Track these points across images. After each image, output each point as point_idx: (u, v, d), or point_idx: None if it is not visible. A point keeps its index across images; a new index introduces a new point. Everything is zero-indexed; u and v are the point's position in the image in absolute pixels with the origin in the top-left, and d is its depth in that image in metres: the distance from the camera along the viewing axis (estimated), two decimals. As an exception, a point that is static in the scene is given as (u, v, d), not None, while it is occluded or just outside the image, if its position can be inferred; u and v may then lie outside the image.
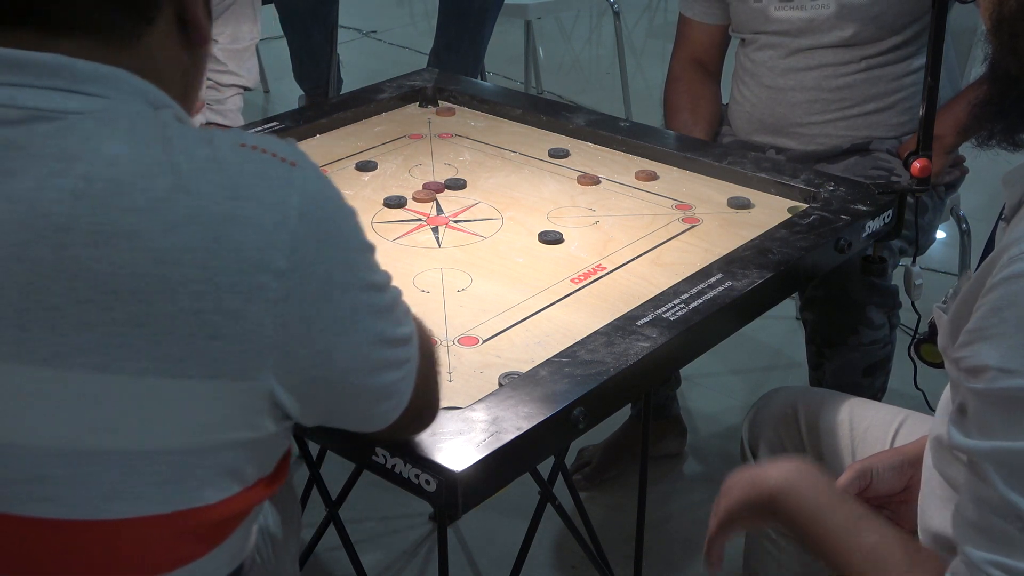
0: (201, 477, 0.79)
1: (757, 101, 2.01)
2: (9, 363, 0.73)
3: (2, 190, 0.73)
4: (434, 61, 3.14)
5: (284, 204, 0.75)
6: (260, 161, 0.77)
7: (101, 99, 0.77)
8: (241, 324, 0.75)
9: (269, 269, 0.75)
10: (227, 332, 0.74)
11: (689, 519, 2.10)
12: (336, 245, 0.79)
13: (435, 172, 1.71)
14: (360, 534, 1.99)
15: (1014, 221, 0.95)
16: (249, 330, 0.75)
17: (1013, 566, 0.85)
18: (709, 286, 1.33)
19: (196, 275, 0.73)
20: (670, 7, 5.34)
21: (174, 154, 0.75)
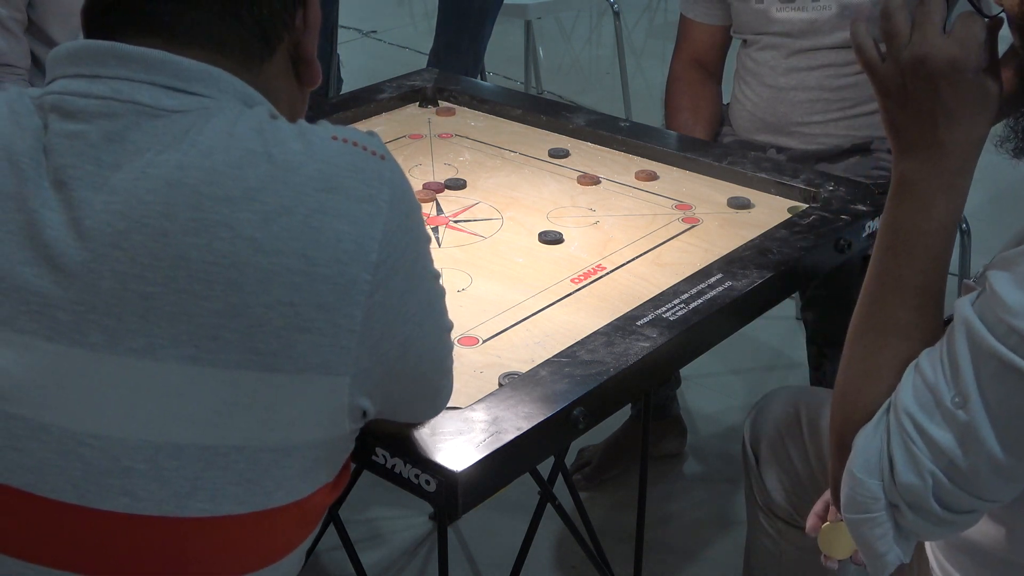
0: (278, 477, 0.78)
1: (759, 100, 2.01)
2: (100, 353, 0.73)
3: (103, 182, 0.75)
4: (434, 61, 3.14)
5: (376, 198, 0.77)
6: (352, 154, 0.79)
7: (199, 98, 0.78)
8: (333, 316, 0.75)
9: (364, 261, 0.75)
10: (319, 325, 0.74)
11: (689, 519, 2.10)
12: (417, 237, 0.81)
13: (435, 172, 1.71)
14: (360, 534, 1.99)
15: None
16: (339, 323, 0.75)
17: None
18: (709, 286, 1.33)
19: (294, 266, 0.74)
20: (670, 7, 5.34)
21: (268, 146, 0.76)
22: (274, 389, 0.75)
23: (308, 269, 0.74)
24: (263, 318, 0.73)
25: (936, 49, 0.93)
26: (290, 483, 0.80)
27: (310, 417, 0.78)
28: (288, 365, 0.75)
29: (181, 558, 0.77)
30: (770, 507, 1.49)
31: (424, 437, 1.06)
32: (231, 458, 0.76)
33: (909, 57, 0.94)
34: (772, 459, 1.47)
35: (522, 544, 1.71)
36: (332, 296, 0.75)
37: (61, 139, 0.76)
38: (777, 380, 2.51)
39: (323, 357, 0.76)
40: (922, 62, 0.93)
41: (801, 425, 1.44)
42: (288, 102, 0.89)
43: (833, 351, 1.86)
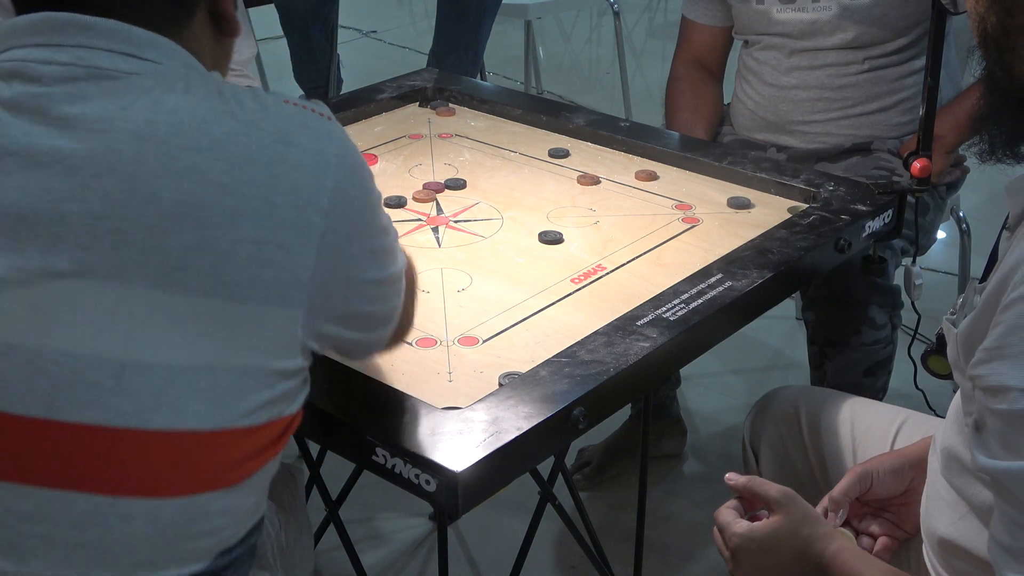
0: (238, 399, 0.84)
1: (760, 99, 2.01)
2: (68, 279, 0.79)
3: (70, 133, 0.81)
4: (433, 61, 3.15)
5: (326, 151, 0.86)
6: (302, 114, 0.87)
7: (153, 63, 0.86)
8: (290, 255, 0.83)
9: (317, 207, 0.84)
10: (279, 260, 0.83)
11: (689, 519, 2.10)
12: (364, 189, 0.90)
13: (435, 172, 1.71)
14: (360, 534, 1.99)
15: (1020, 231, 0.94)
16: (295, 261, 0.84)
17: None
18: (709, 286, 1.33)
19: (258, 207, 0.82)
20: (670, 7, 5.34)
21: (230, 105, 0.84)
22: (237, 318, 0.82)
23: (270, 211, 0.82)
24: (230, 252, 0.81)
25: None
26: (249, 407, 0.85)
27: (269, 347, 0.85)
28: (251, 296, 0.82)
29: (144, 471, 0.82)
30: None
31: (424, 437, 1.06)
32: (195, 377, 0.81)
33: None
34: (772, 459, 1.47)
35: (522, 544, 1.71)
36: (290, 235, 0.83)
37: (26, 98, 0.83)
38: (777, 380, 2.51)
39: (282, 291, 0.84)
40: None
41: (801, 425, 1.44)
42: (212, 58, 0.95)
43: (834, 351, 1.86)
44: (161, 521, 0.83)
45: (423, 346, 1.26)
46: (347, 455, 1.18)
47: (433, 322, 1.30)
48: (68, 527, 0.82)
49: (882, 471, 1.25)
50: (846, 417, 1.42)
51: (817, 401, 1.46)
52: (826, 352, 1.87)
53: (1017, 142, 1.03)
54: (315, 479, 1.59)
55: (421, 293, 1.36)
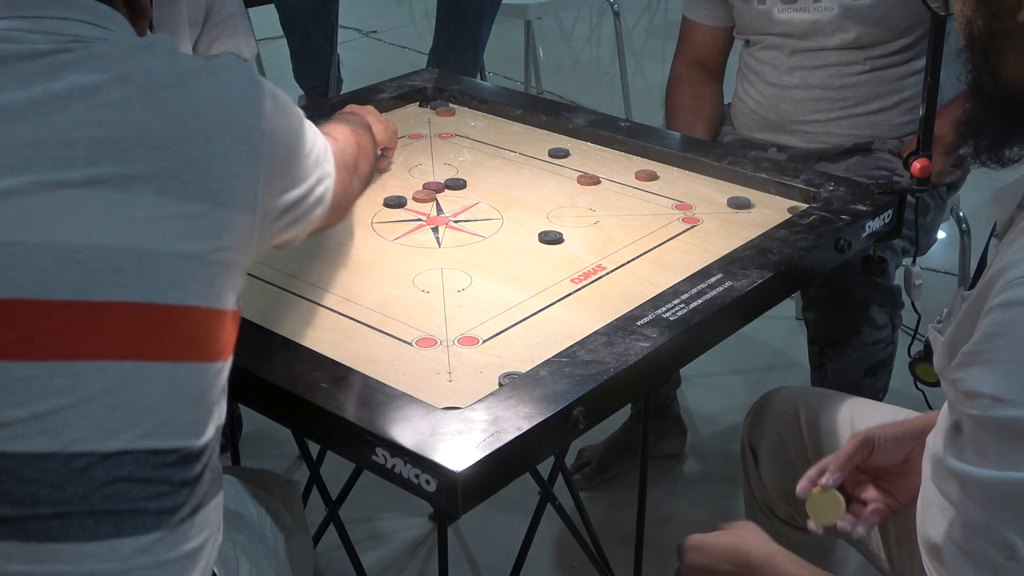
0: (225, 285, 1.00)
1: (761, 99, 2.01)
2: (83, 189, 0.94)
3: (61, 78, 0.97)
4: (433, 61, 3.14)
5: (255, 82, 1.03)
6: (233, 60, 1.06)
7: (110, 31, 1.02)
8: (246, 167, 1.00)
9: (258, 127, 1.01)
10: (239, 171, 0.99)
11: (689, 519, 2.10)
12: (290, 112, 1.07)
13: (435, 172, 1.71)
14: (360, 534, 1.99)
15: (1007, 239, 0.94)
16: (250, 174, 1.00)
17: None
18: (709, 286, 1.33)
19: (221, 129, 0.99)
20: (670, 7, 5.34)
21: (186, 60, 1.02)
22: (220, 218, 0.98)
23: (229, 132, 0.99)
24: (209, 164, 0.97)
25: None
26: (228, 294, 1.01)
27: (239, 245, 1.01)
28: (228, 201, 0.99)
29: (163, 339, 0.97)
30: (770, 507, 1.49)
31: (424, 437, 1.06)
32: (198, 261, 0.97)
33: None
34: (771, 459, 1.47)
35: (522, 544, 1.71)
36: (244, 149, 0.99)
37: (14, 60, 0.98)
38: (777, 380, 2.51)
39: (246, 199, 1.00)
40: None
41: (801, 426, 1.44)
42: None
43: (834, 351, 1.86)
44: (178, 383, 0.97)
45: (423, 346, 1.26)
46: (347, 455, 1.18)
47: (433, 322, 1.30)
48: (100, 392, 0.94)
49: (884, 439, 1.25)
50: (846, 417, 1.42)
51: (816, 401, 1.46)
52: (826, 352, 1.87)
53: (1001, 146, 1.03)
54: (315, 479, 1.59)
55: (421, 293, 1.37)
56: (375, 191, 1.63)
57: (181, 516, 0.98)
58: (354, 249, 1.48)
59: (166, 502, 0.97)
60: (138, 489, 0.95)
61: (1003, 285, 0.83)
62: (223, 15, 2.15)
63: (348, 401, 1.12)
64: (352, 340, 1.27)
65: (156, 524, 0.97)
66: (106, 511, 0.94)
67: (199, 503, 1.00)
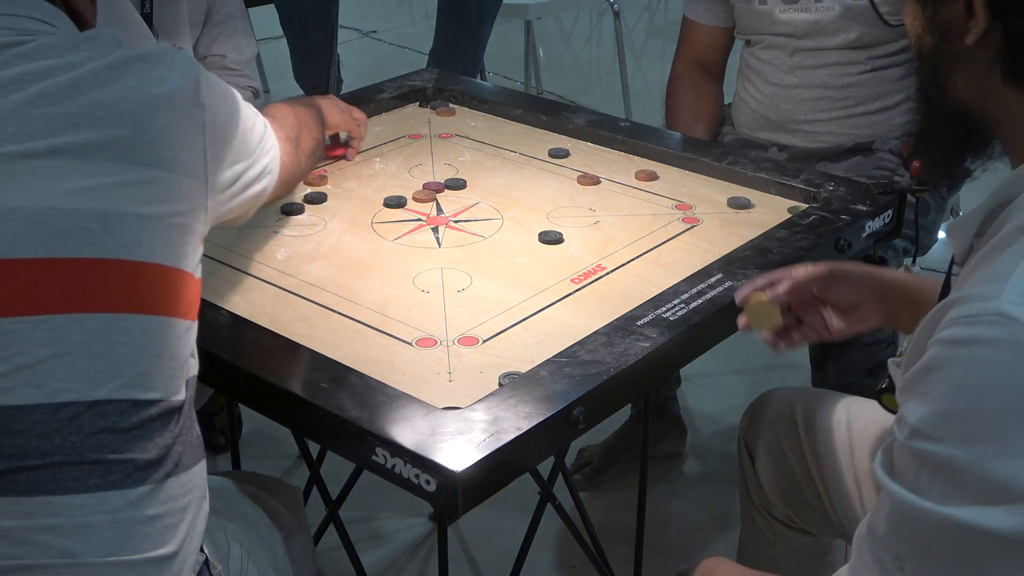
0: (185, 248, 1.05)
1: (762, 98, 2.01)
2: (45, 158, 0.98)
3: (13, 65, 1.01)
4: (434, 61, 3.14)
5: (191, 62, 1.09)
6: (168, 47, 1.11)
7: (57, 28, 1.08)
8: (192, 137, 1.05)
9: (197, 101, 1.06)
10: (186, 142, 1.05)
11: (689, 519, 2.10)
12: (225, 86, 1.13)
13: (435, 172, 1.71)
14: (360, 534, 1.99)
15: (966, 269, 0.93)
16: (196, 144, 1.06)
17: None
18: (709, 286, 1.33)
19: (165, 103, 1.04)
20: (670, 7, 5.34)
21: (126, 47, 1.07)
22: (175, 184, 1.04)
23: (173, 106, 1.04)
24: (159, 134, 1.03)
25: None
26: (189, 258, 1.06)
27: (195, 212, 1.06)
28: (181, 168, 1.04)
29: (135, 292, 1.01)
30: (767, 509, 1.49)
31: (424, 437, 1.06)
32: (159, 223, 1.02)
33: None
34: (769, 460, 1.47)
35: (522, 544, 1.71)
36: (189, 122, 1.05)
37: None
38: (777, 380, 2.51)
39: (196, 169, 1.06)
40: None
41: (797, 425, 1.44)
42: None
43: (835, 351, 1.86)
44: (153, 335, 1.01)
45: (423, 346, 1.26)
46: (347, 455, 1.18)
47: (433, 322, 1.30)
48: (80, 343, 0.97)
49: (846, 280, 1.28)
50: (842, 417, 1.42)
51: (813, 401, 1.46)
52: (827, 352, 1.87)
53: (951, 162, 1.03)
54: (315, 479, 1.59)
55: (421, 293, 1.37)
56: (375, 191, 1.63)
57: (166, 471, 1.02)
58: (354, 249, 1.48)
59: (151, 453, 1.00)
60: (123, 441, 0.99)
61: (947, 321, 0.83)
62: (223, 15, 2.15)
63: (348, 401, 1.12)
64: (352, 340, 1.27)
65: (142, 478, 1.00)
66: (93, 461, 0.98)
67: (180, 461, 1.04)
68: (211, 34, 2.15)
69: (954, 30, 0.94)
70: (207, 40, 2.15)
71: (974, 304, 0.81)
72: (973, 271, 0.90)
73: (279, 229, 1.52)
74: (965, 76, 0.95)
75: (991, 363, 0.79)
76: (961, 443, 0.80)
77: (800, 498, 1.44)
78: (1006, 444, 0.78)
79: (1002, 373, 0.78)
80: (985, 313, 0.80)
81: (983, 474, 0.79)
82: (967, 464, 0.80)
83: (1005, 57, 0.91)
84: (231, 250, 1.46)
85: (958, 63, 0.95)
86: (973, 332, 0.80)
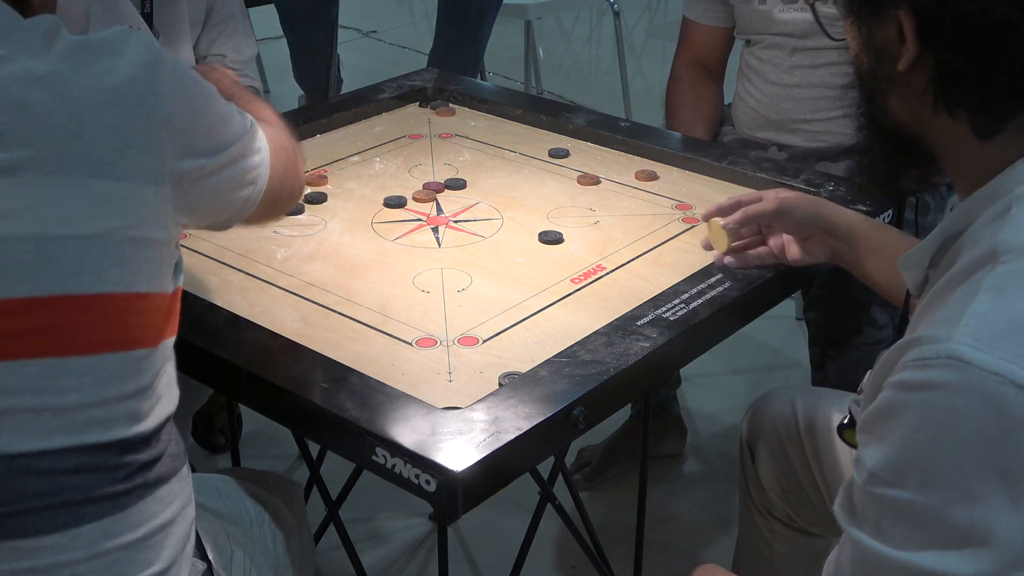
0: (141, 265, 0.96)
1: (762, 98, 2.01)
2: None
3: None
4: (434, 61, 3.14)
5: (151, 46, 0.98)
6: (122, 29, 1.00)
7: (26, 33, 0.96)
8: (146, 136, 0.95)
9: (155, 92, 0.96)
10: (138, 142, 0.94)
11: (689, 519, 2.10)
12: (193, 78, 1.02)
13: (435, 172, 1.71)
14: (360, 534, 1.99)
15: (922, 304, 0.92)
16: (151, 142, 0.95)
17: None
18: (709, 286, 1.33)
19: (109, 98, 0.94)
20: (670, 7, 5.34)
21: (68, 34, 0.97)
22: (121, 194, 0.94)
23: (118, 100, 0.94)
24: (98, 136, 0.92)
25: None
26: (148, 274, 0.96)
27: (152, 219, 0.96)
28: (127, 175, 0.94)
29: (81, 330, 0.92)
30: (767, 508, 1.49)
31: (424, 437, 1.06)
32: (105, 242, 0.93)
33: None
34: (770, 458, 1.47)
35: (522, 544, 1.71)
36: (141, 120, 0.94)
37: None
38: (777, 380, 2.51)
39: (149, 170, 0.95)
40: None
41: (798, 424, 1.44)
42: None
43: (835, 351, 1.86)
44: (105, 376, 0.93)
45: (423, 346, 1.26)
46: (347, 455, 1.18)
47: (433, 322, 1.30)
48: (25, 394, 0.90)
49: (795, 215, 1.35)
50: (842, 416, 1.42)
51: (813, 400, 1.46)
52: (828, 352, 1.87)
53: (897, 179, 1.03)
54: (315, 479, 1.59)
55: (421, 293, 1.37)
56: (375, 191, 1.63)
57: (141, 494, 0.96)
58: (354, 249, 1.48)
59: (122, 485, 0.95)
60: (88, 479, 0.93)
61: (902, 364, 0.82)
62: (223, 15, 2.15)
63: (348, 401, 1.12)
64: (352, 340, 1.27)
65: (115, 507, 0.94)
66: (59, 504, 0.92)
67: (160, 478, 0.98)
68: (211, 34, 2.15)
69: (888, 54, 0.93)
70: (207, 40, 2.15)
71: (927, 347, 0.80)
72: (929, 306, 0.88)
73: (279, 229, 1.52)
74: (900, 100, 0.95)
75: (945, 407, 0.78)
76: (920, 488, 0.79)
77: (801, 496, 1.44)
78: (965, 489, 0.78)
79: (957, 417, 0.77)
80: (937, 356, 0.79)
81: (944, 518, 0.78)
82: (927, 509, 0.79)
83: (937, 85, 0.90)
84: (231, 250, 1.46)
85: (893, 86, 0.95)
86: (926, 376, 0.79)
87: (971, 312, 0.80)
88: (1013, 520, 0.77)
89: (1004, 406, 0.76)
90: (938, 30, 0.87)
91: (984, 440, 0.77)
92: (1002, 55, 0.86)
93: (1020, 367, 0.76)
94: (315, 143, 1.81)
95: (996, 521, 0.77)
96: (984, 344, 0.78)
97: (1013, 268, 0.81)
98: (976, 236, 0.87)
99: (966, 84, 0.88)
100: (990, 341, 0.78)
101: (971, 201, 0.91)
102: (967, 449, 0.77)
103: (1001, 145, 0.90)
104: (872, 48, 0.96)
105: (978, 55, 0.87)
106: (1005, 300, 0.79)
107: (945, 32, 0.87)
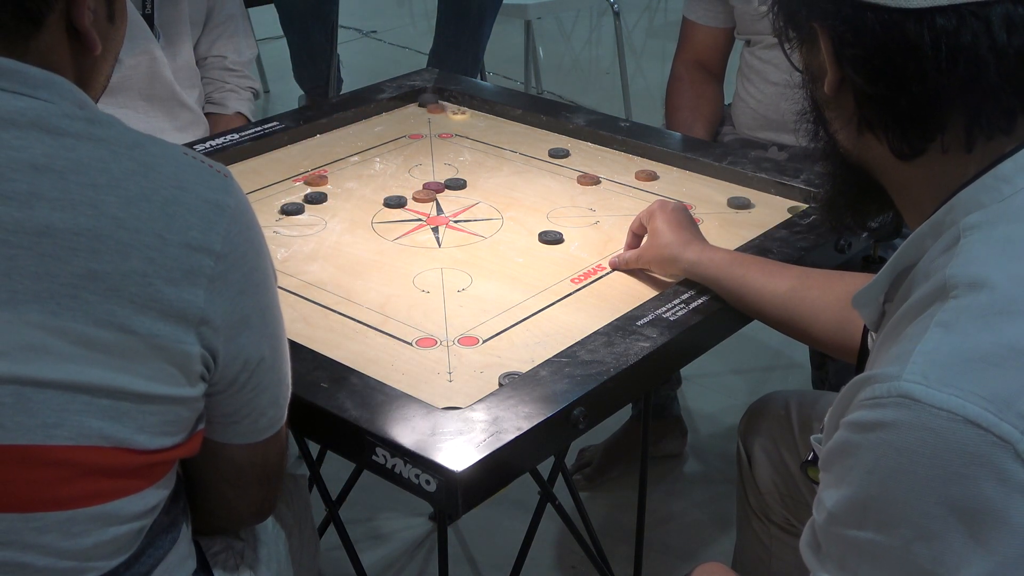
0: (140, 422, 0.87)
1: (762, 97, 2.01)
2: None
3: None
4: (434, 61, 3.15)
5: (223, 203, 0.88)
6: (199, 166, 0.90)
7: (43, 102, 0.85)
8: (180, 292, 0.85)
9: (209, 251, 0.86)
10: (168, 297, 0.85)
11: (689, 519, 2.10)
12: (258, 248, 0.92)
13: (435, 172, 1.71)
14: (360, 534, 1.99)
15: (880, 338, 0.91)
16: (185, 299, 0.85)
17: None
18: (709, 286, 1.33)
19: (149, 242, 0.84)
20: (670, 7, 5.34)
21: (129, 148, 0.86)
22: (129, 348, 0.84)
23: (161, 247, 0.84)
24: (119, 284, 0.83)
25: None
26: (151, 431, 0.87)
27: (164, 376, 0.87)
28: (142, 328, 0.84)
29: (52, 486, 0.84)
30: (765, 513, 1.48)
31: (424, 437, 1.06)
32: (94, 396, 0.84)
33: None
34: (765, 460, 1.47)
35: (522, 544, 1.71)
36: (179, 274, 0.85)
37: None
38: (777, 380, 2.51)
39: (172, 326, 0.85)
40: None
41: (792, 426, 1.44)
42: (74, 75, 0.92)
43: (833, 351, 1.86)
44: (75, 531, 0.86)
45: (423, 346, 1.26)
46: (347, 455, 1.18)
47: (433, 322, 1.30)
48: None
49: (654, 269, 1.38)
50: None
51: (808, 402, 1.46)
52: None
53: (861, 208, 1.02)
54: (315, 479, 1.59)
55: (421, 293, 1.37)
56: (375, 191, 1.63)
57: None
58: (354, 249, 1.48)
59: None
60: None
61: (857, 403, 0.81)
62: (224, 16, 2.16)
63: (348, 401, 1.12)
64: (352, 340, 1.27)
65: None
66: None
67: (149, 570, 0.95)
68: (211, 35, 2.15)
69: (820, 77, 0.92)
70: (207, 41, 2.15)
71: (878, 385, 0.79)
72: (884, 342, 0.88)
73: (279, 229, 1.52)
74: (838, 124, 0.94)
75: (898, 447, 0.77)
76: (879, 529, 0.79)
77: (798, 499, 1.44)
78: (923, 528, 0.77)
79: (910, 456, 0.76)
80: (889, 395, 0.78)
81: (905, 557, 0.78)
82: (889, 549, 0.78)
83: (857, 108, 0.89)
84: (231, 250, 1.46)
85: (829, 110, 0.94)
86: (878, 416, 0.78)
87: (920, 349, 0.78)
88: (975, 556, 0.76)
89: (956, 443, 0.75)
90: (847, 51, 0.87)
91: (939, 478, 0.76)
92: (909, 78, 0.85)
93: (971, 402, 0.75)
94: (315, 143, 1.81)
95: (958, 557, 0.76)
96: (934, 381, 0.76)
97: (962, 303, 0.80)
98: (927, 269, 0.86)
99: (878, 106, 0.88)
100: (940, 377, 0.76)
101: (919, 233, 0.90)
102: (922, 488, 0.76)
103: (926, 166, 0.89)
104: (809, 73, 0.96)
105: (885, 77, 0.86)
106: (955, 335, 0.78)
107: (854, 53, 0.87)
